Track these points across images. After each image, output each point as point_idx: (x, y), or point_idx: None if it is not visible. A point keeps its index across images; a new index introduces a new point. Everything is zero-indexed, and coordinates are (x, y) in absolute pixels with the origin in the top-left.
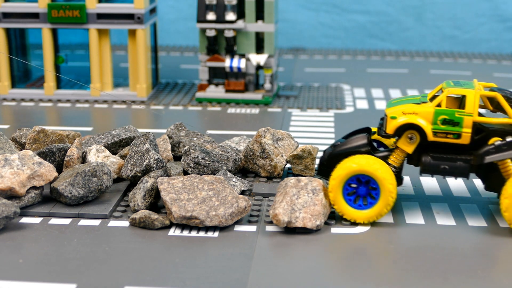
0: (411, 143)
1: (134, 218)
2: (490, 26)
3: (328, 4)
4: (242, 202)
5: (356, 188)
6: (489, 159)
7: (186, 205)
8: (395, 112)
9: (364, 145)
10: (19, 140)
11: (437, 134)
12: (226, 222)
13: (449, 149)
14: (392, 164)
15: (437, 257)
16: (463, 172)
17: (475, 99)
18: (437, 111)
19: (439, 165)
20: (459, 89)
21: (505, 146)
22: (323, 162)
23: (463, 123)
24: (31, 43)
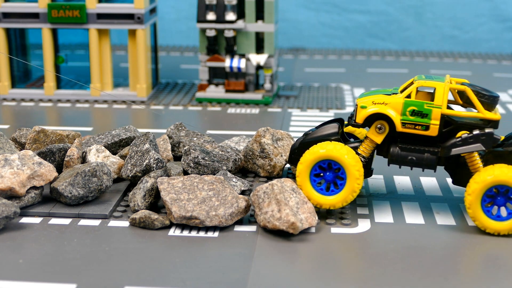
0: (380, 133)
1: (134, 218)
2: (490, 26)
3: (328, 4)
4: (242, 202)
5: (323, 173)
6: (456, 151)
7: (186, 205)
8: (365, 102)
9: (334, 134)
10: (19, 140)
11: (405, 125)
12: (226, 222)
13: (417, 140)
14: (361, 154)
15: (437, 257)
16: (430, 164)
17: (444, 92)
18: (407, 102)
19: (406, 156)
20: (429, 81)
21: (471, 139)
22: (294, 150)
23: (432, 115)
24: (31, 43)
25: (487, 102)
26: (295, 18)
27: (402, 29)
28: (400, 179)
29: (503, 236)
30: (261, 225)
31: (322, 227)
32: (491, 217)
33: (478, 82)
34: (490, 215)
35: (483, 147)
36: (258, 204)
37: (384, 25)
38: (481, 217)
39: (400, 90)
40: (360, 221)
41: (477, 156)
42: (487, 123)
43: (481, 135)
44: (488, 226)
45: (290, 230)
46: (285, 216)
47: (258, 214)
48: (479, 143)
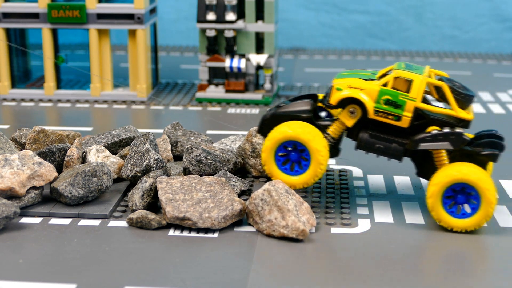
0: (352, 117)
1: (131, 218)
2: (490, 26)
3: (328, 4)
4: (238, 205)
5: (288, 152)
6: (423, 146)
7: (180, 206)
8: (341, 84)
9: (306, 111)
10: (19, 140)
11: (378, 113)
12: (219, 225)
13: (387, 129)
14: (330, 135)
15: (437, 257)
16: (397, 154)
17: (421, 85)
18: (382, 90)
19: (374, 143)
20: (407, 72)
21: (441, 136)
22: (265, 121)
23: (405, 106)
24: (31, 43)
25: (462, 100)
26: (295, 18)
27: (402, 29)
28: (400, 179)
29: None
30: (265, 233)
31: (322, 227)
32: (450, 213)
33: (478, 82)
34: (452, 213)
35: (451, 146)
36: (258, 212)
37: (384, 25)
38: (440, 211)
39: (378, 76)
40: (360, 221)
41: (444, 152)
42: (459, 121)
43: (450, 134)
44: (442, 219)
45: (300, 237)
46: (292, 224)
47: (260, 222)
48: (447, 142)
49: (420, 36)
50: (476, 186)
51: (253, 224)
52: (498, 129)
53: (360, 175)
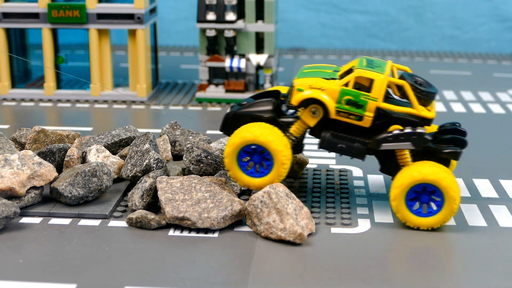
0: (313, 117)
1: (131, 218)
2: (490, 26)
3: (328, 4)
4: (237, 205)
5: (250, 156)
6: (385, 146)
7: (180, 206)
8: (302, 85)
9: (268, 111)
10: (19, 140)
11: (340, 113)
12: (218, 225)
13: (349, 129)
14: (292, 134)
15: (437, 257)
16: (359, 154)
17: (382, 85)
18: (343, 91)
19: (337, 143)
20: (368, 72)
21: (402, 136)
22: (227, 120)
23: (367, 106)
24: (31, 43)
25: (423, 98)
26: (295, 18)
27: (402, 29)
28: None
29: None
30: (263, 236)
31: (322, 227)
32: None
33: (478, 82)
34: (411, 209)
35: (413, 146)
36: (257, 214)
37: (384, 25)
38: (405, 212)
39: (339, 74)
40: (360, 221)
41: (407, 150)
42: (421, 119)
43: (412, 134)
44: (408, 219)
45: (297, 241)
46: (290, 227)
47: (258, 224)
48: (409, 142)
49: (420, 36)
50: (438, 185)
51: (251, 226)
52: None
53: (360, 175)
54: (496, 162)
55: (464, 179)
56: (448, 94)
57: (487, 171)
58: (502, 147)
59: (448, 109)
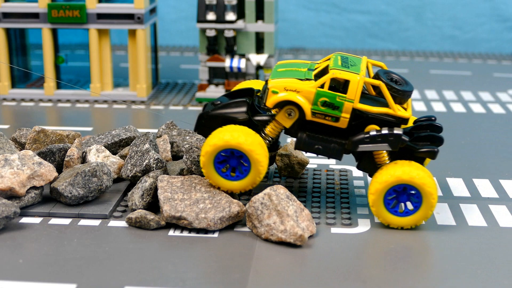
0: (289, 119)
1: (130, 217)
2: (490, 26)
3: (328, 4)
4: (235, 207)
5: (227, 160)
6: (362, 148)
7: (178, 205)
8: (277, 87)
9: (242, 113)
10: (19, 140)
11: (316, 115)
12: (215, 226)
13: (326, 129)
14: (268, 135)
15: (437, 257)
16: (336, 154)
17: (358, 86)
18: (319, 92)
19: (313, 144)
20: (344, 72)
21: (379, 137)
22: (201, 120)
23: (343, 108)
24: (31, 43)
25: (399, 96)
26: (295, 18)
27: (402, 29)
28: None
29: (504, 236)
30: (263, 238)
31: (322, 227)
32: (396, 214)
33: (478, 82)
34: (394, 212)
35: (390, 147)
36: (257, 216)
37: (384, 25)
38: (385, 214)
39: (314, 73)
40: (360, 221)
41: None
42: (398, 119)
43: (389, 135)
44: (391, 221)
45: (298, 242)
46: (290, 228)
47: (258, 226)
48: (386, 143)
49: (420, 36)
50: (412, 183)
51: (252, 228)
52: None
53: (360, 175)
54: (496, 162)
55: (464, 179)
56: (448, 94)
57: (487, 171)
58: (502, 147)
59: (448, 109)
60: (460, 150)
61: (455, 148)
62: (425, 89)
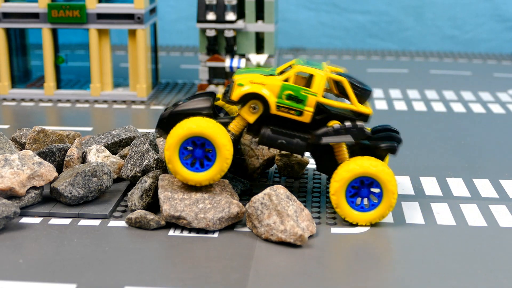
0: (253, 113)
1: (130, 218)
2: (490, 26)
3: (328, 4)
4: (235, 208)
5: (192, 151)
6: (326, 140)
7: (177, 205)
8: (243, 80)
9: (206, 108)
10: (19, 140)
11: (280, 108)
12: (214, 226)
13: (289, 124)
14: (231, 131)
15: (437, 257)
16: (299, 149)
17: (322, 80)
18: (284, 85)
19: (277, 139)
20: (309, 68)
21: (342, 130)
22: (163, 120)
23: (307, 101)
24: (31, 43)
25: (359, 95)
26: (295, 18)
27: (402, 29)
28: (400, 179)
29: (504, 236)
30: (263, 238)
31: (322, 227)
32: (355, 208)
33: (478, 82)
34: (353, 206)
35: (353, 139)
36: (257, 216)
37: (384, 25)
38: (345, 206)
39: (277, 72)
40: None
41: (345, 147)
42: (359, 116)
43: (352, 127)
44: (348, 215)
45: (298, 242)
46: (290, 228)
47: (258, 226)
48: (349, 135)
49: (420, 36)
50: (377, 178)
51: (252, 228)
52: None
53: None
54: (496, 162)
55: (464, 179)
56: (448, 94)
57: (487, 171)
58: (502, 147)
59: (448, 109)
60: (460, 150)
61: (455, 148)
62: (425, 89)
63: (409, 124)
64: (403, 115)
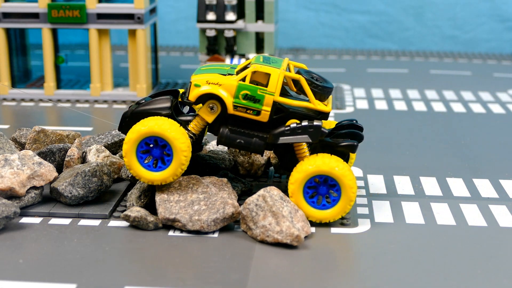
0: (211, 113)
1: (128, 215)
2: (490, 26)
3: (328, 4)
4: (230, 209)
5: (150, 150)
6: (283, 140)
7: (173, 207)
8: (200, 80)
9: (165, 108)
10: (19, 140)
11: (237, 108)
12: (208, 228)
13: (248, 124)
14: (191, 131)
15: (437, 257)
16: (258, 149)
17: (279, 79)
18: (240, 85)
19: (235, 138)
20: (265, 66)
21: (299, 129)
22: (125, 119)
23: (264, 101)
24: (31, 43)
25: (319, 93)
26: (295, 18)
27: (402, 29)
28: (400, 179)
29: (503, 236)
30: (259, 239)
31: (321, 227)
32: (315, 206)
33: (478, 82)
34: (315, 205)
35: (310, 139)
36: (252, 218)
37: (384, 25)
38: (304, 205)
39: (236, 70)
40: (360, 221)
41: (305, 145)
42: (318, 114)
43: (309, 127)
44: (310, 214)
45: (294, 243)
46: (286, 229)
47: (253, 228)
48: (306, 135)
49: (420, 36)
50: (332, 175)
51: (247, 230)
52: (497, 130)
53: (360, 175)
54: (496, 162)
55: (464, 179)
56: (448, 94)
57: (487, 171)
58: (502, 147)
59: (448, 109)
60: (460, 150)
61: (455, 148)
62: (425, 89)
63: (409, 124)
64: (403, 115)
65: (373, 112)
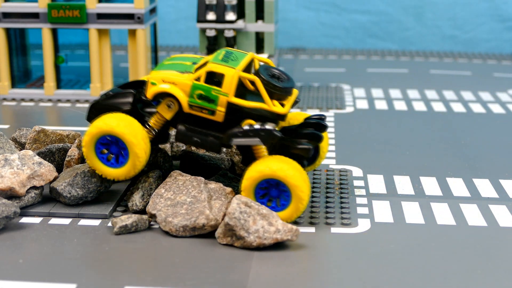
0: (169, 110)
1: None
2: (490, 26)
3: (328, 4)
4: (201, 219)
5: (108, 146)
6: (235, 142)
7: (159, 203)
8: (156, 78)
9: (127, 103)
10: (19, 140)
11: (193, 107)
12: (176, 233)
13: (205, 122)
14: (152, 127)
15: (437, 257)
16: (214, 148)
17: (233, 80)
18: (195, 85)
19: (192, 136)
20: (219, 66)
21: (251, 132)
22: (91, 109)
23: (218, 101)
24: (31, 43)
25: (277, 93)
26: (295, 18)
27: (402, 29)
28: (400, 179)
29: (504, 236)
30: (255, 245)
31: (322, 227)
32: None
33: (478, 82)
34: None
35: (261, 142)
36: (242, 225)
37: (384, 25)
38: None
39: (195, 68)
40: (360, 221)
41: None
42: (275, 115)
43: (261, 130)
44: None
45: (294, 237)
46: (283, 226)
47: (246, 236)
48: (257, 138)
49: (420, 36)
50: (286, 182)
51: (234, 242)
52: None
53: (360, 175)
54: (496, 162)
55: (464, 179)
56: (448, 94)
57: (487, 171)
58: (502, 147)
59: (448, 109)
60: (460, 150)
61: (455, 148)
62: (425, 89)
63: (409, 124)
64: (403, 115)
65: (373, 112)
